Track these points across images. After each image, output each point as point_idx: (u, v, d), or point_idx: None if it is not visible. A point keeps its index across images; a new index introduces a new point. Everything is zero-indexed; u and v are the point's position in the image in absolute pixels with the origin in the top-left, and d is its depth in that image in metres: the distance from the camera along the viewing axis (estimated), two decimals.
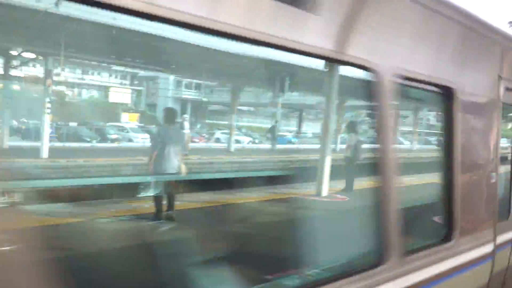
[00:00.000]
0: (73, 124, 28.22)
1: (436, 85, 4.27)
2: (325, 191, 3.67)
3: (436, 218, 4.60)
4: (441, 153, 4.51)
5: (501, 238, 5.32)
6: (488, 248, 5.02)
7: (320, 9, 2.90)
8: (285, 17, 2.78)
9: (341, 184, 5.05)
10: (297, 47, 2.83)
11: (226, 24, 2.44)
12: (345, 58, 3.14)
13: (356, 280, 3.08)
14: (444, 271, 4.22)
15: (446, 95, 4.30)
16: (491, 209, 5.18)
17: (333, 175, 4.35)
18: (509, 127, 6.86)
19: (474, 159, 4.95)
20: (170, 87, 32.65)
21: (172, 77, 30.39)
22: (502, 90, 5.39)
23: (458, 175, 4.46)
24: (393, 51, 3.62)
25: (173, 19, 2.26)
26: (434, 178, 4.87)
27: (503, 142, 5.91)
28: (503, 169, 5.71)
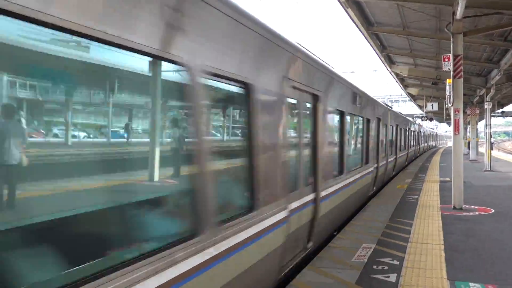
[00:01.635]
0: None
1: (238, 81, 4.81)
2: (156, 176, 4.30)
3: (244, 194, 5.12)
4: (244, 142, 5.23)
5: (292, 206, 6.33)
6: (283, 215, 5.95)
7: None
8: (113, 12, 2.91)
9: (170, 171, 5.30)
10: (123, 43, 3.00)
11: (57, 17, 2.44)
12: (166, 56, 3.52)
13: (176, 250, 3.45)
14: (251, 235, 4.83)
15: (246, 90, 4.99)
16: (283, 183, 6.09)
17: (163, 163, 4.96)
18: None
19: (268, 145, 5.67)
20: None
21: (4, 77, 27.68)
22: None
23: (257, 159, 5.16)
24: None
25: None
26: (240, 162, 5.37)
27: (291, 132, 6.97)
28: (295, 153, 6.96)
